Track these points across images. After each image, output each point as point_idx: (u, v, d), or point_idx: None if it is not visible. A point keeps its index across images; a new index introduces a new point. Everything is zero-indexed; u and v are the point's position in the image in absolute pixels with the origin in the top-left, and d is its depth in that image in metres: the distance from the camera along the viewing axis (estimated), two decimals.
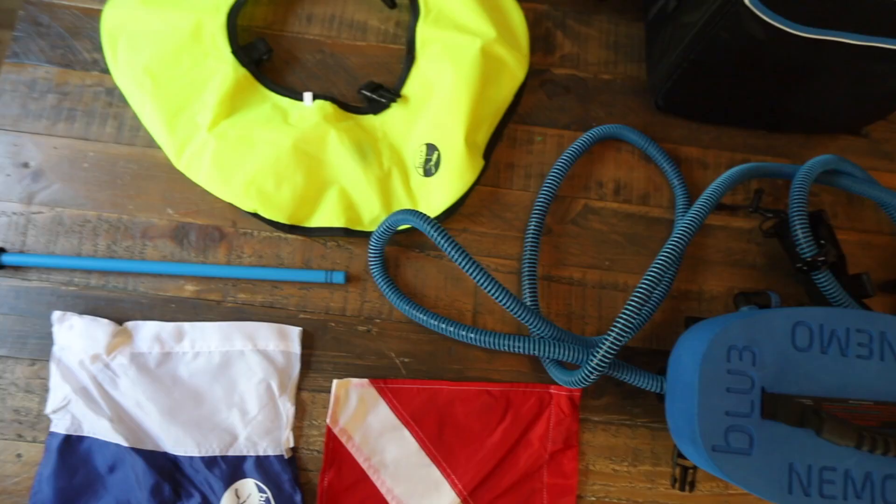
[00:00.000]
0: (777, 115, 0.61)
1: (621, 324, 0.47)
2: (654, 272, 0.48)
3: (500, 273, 0.58)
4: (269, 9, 0.62)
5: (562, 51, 0.64)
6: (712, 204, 0.52)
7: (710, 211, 0.51)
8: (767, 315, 0.45)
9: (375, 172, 0.57)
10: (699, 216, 0.51)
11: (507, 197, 0.60)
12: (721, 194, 0.52)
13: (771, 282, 0.60)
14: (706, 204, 0.52)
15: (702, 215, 0.51)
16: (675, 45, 0.54)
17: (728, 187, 0.53)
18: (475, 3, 0.59)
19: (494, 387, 0.56)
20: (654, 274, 0.48)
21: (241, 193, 0.55)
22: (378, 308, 0.56)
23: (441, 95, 0.57)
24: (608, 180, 0.61)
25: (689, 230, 0.50)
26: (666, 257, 0.49)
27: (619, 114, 0.63)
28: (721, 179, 0.53)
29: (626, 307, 0.48)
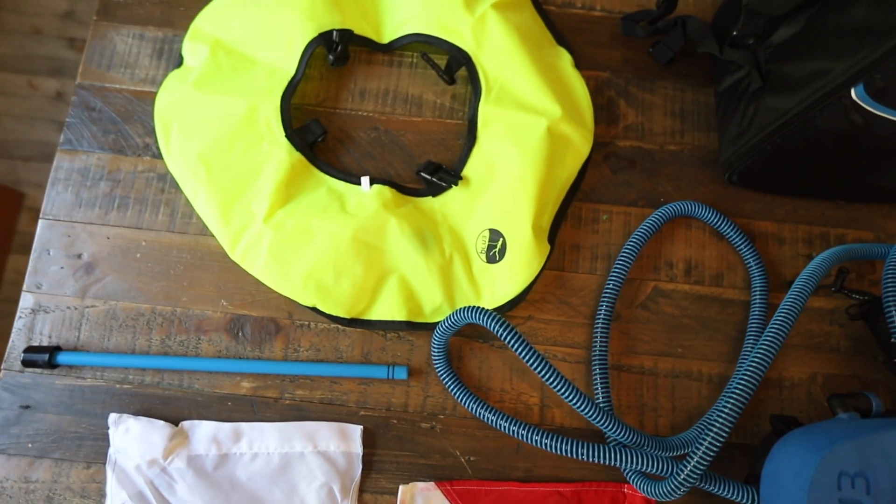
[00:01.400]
0: (861, 188, 0.57)
1: (713, 434, 0.44)
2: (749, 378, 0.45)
3: (568, 363, 0.55)
4: (321, 85, 0.61)
5: (625, 121, 0.61)
6: (808, 293, 0.48)
7: (806, 299, 0.48)
8: (880, 436, 0.42)
9: (437, 260, 0.54)
10: (796, 308, 0.47)
11: (573, 281, 0.57)
12: (816, 283, 0.49)
13: (856, 367, 0.56)
14: (802, 293, 0.48)
15: (798, 307, 0.47)
16: (758, 127, 0.51)
17: (822, 273, 0.50)
18: (538, 79, 0.56)
19: (565, 486, 0.53)
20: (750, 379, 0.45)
21: (300, 287, 0.53)
22: (442, 403, 0.54)
23: (505, 178, 0.55)
24: (678, 260, 0.58)
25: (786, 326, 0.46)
26: (759, 362, 0.45)
27: (688, 187, 0.60)
28: (813, 265, 0.50)
29: (720, 415, 0.44)
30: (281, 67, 0.57)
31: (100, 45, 0.60)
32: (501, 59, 0.57)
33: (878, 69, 0.39)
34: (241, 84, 0.57)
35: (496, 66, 0.57)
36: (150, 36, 0.61)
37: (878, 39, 0.38)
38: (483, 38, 0.57)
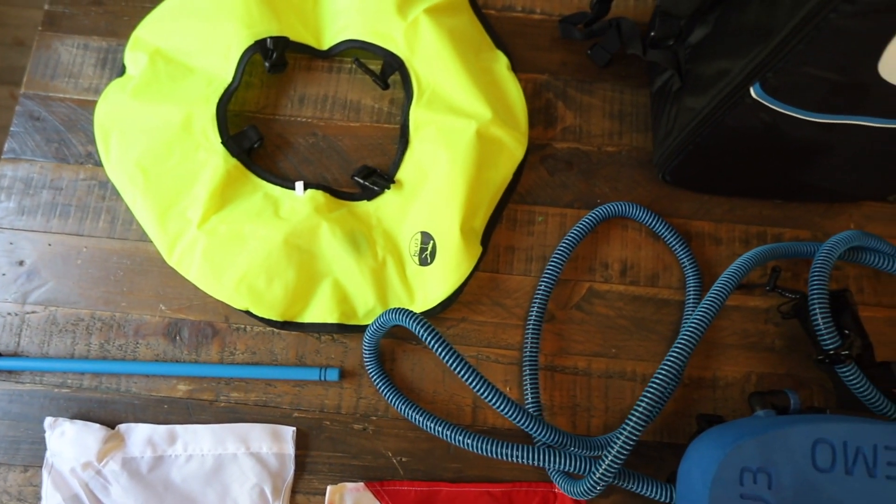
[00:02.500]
0: (793, 186, 0.57)
1: (626, 433, 0.44)
2: (662, 377, 0.45)
3: (502, 364, 0.56)
4: (262, 92, 0.61)
5: (563, 123, 0.61)
6: (728, 292, 0.48)
7: (725, 299, 0.48)
8: (783, 432, 0.42)
9: (369, 263, 0.55)
10: (713, 308, 0.47)
11: (508, 283, 0.57)
12: (736, 282, 0.49)
13: (790, 365, 0.56)
14: (721, 292, 0.48)
15: (716, 306, 0.47)
16: (679, 127, 0.51)
17: (745, 272, 0.50)
18: (469, 82, 0.57)
19: (496, 487, 0.53)
20: (662, 380, 0.45)
21: (233, 291, 0.54)
22: (374, 405, 0.55)
23: (435, 182, 0.55)
24: (614, 261, 0.58)
25: (700, 330, 0.46)
26: (673, 362, 0.45)
27: (625, 188, 0.60)
28: (737, 264, 0.50)
29: (633, 414, 0.45)
30: (219, 75, 0.58)
31: (44, 55, 0.62)
32: (433, 64, 0.57)
33: (769, 68, 0.39)
34: (179, 92, 0.58)
35: (428, 71, 0.58)
36: (94, 46, 0.62)
37: (765, 38, 0.38)
38: (415, 43, 0.58)
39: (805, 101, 0.43)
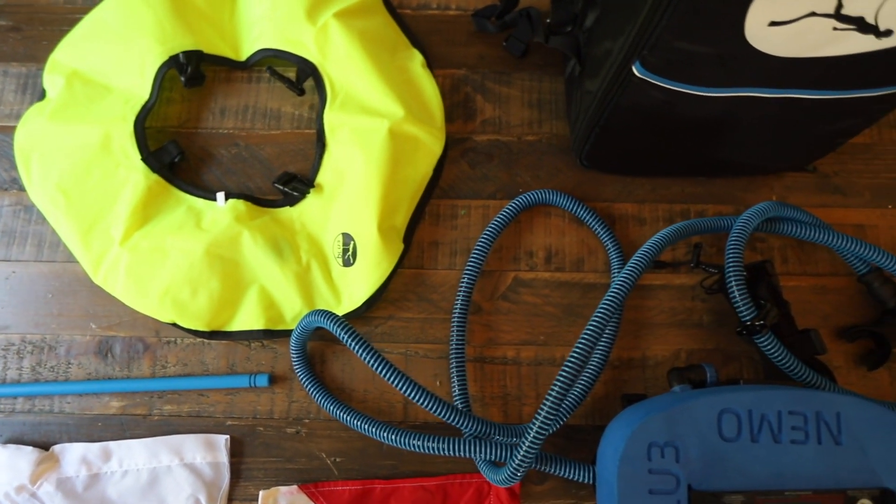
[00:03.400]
0: (710, 163, 0.58)
1: (541, 418, 0.45)
2: (573, 362, 0.45)
3: (431, 359, 0.56)
4: (183, 107, 0.62)
5: (483, 115, 0.62)
6: (639, 273, 0.48)
7: (636, 280, 0.48)
8: (689, 405, 0.42)
9: (293, 268, 0.55)
10: (623, 290, 0.47)
11: (433, 277, 0.58)
12: (649, 261, 0.49)
13: (719, 340, 0.57)
14: (631, 274, 0.48)
15: (626, 288, 0.47)
16: (583, 111, 0.52)
17: (658, 251, 0.50)
18: (381, 82, 0.57)
19: (430, 481, 0.53)
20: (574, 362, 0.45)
21: (158, 305, 0.54)
22: (306, 408, 0.55)
23: (352, 183, 0.56)
24: (538, 249, 0.59)
25: (609, 310, 0.46)
26: (584, 344, 0.45)
27: (547, 176, 0.60)
28: (649, 244, 0.50)
29: (547, 399, 0.45)
30: (136, 93, 0.59)
31: None
32: (345, 66, 0.58)
33: (644, 45, 0.40)
34: (97, 112, 0.58)
35: (341, 74, 0.58)
36: (13, 72, 0.63)
37: (635, 15, 0.39)
38: (327, 48, 0.58)
39: (689, 76, 0.43)
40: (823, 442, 0.42)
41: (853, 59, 0.41)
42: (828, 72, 0.43)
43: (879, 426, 0.42)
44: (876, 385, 0.56)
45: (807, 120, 0.49)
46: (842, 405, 0.43)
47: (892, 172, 0.61)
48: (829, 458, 0.42)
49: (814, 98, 0.45)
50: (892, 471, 0.42)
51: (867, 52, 0.40)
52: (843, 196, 0.61)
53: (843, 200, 0.60)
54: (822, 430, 0.42)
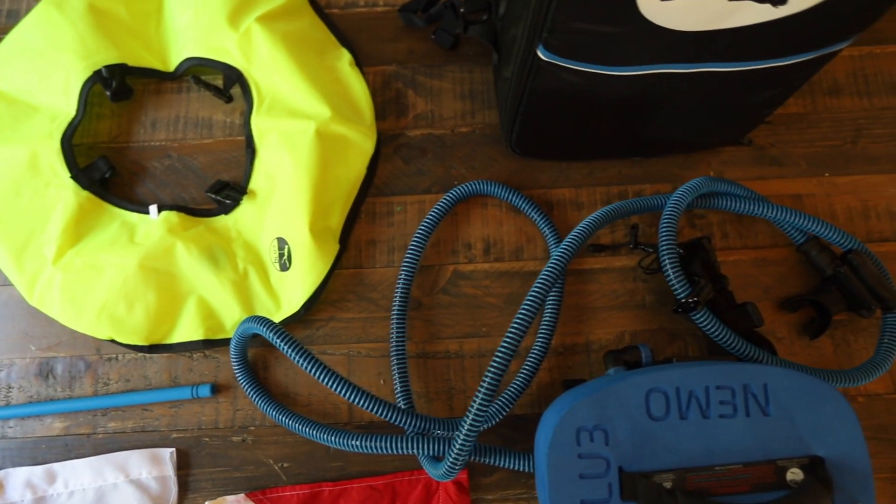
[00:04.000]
0: (642, 143, 0.57)
1: (473, 414, 0.44)
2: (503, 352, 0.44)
3: (374, 358, 0.56)
4: (113, 122, 0.61)
5: (415, 110, 0.61)
6: (565, 263, 0.48)
7: (563, 268, 0.47)
8: (616, 388, 0.42)
9: (230, 276, 0.55)
10: (550, 278, 0.47)
11: (372, 276, 0.57)
12: (576, 249, 0.49)
13: (662, 320, 0.57)
14: (560, 261, 0.48)
15: (553, 276, 0.47)
16: (504, 98, 0.52)
17: (585, 237, 0.49)
18: (306, 84, 0.57)
19: (378, 480, 0.53)
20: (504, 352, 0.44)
21: (94, 322, 0.54)
22: (251, 415, 0.55)
23: (283, 187, 0.56)
24: (476, 240, 0.58)
25: (537, 301, 0.46)
26: (513, 335, 0.45)
27: (482, 166, 0.60)
28: (575, 232, 0.49)
29: (479, 391, 0.45)
30: (62, 110, 0.58)
31: None
32: (270, 70, 0.58)
33: (543, 28, 0.39)
34: (23, 132, 0.58)
35: (266, 78, 0.58)
36: None
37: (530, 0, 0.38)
38: (251, 52, 0.58)
39: (596, 57, 0.43)
40: (752, 414, 0.42)
41: (756, 30, 0.41)
42: (734, 44, 0.42)
43: (806, 394, 0.42)
44: (820, 353, 0.56)
45: (727, 92, 0.49)
46: (769, 376, 0.42)
47: (827, 141, 0.61)
48: (758, 429, 0.42)
49: (727, 71, 0.45)
50: (821, 438, 0.42)
51: (768, 21, 0.40)
52: (780, 167, 0.60)
53: (780, 171, 0.60)
54: (750, 402, 0.42)
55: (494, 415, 0.51)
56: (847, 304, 0.55)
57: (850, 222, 0.59)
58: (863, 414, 0.55)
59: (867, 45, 0.63)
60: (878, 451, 0.54)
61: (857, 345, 0.56)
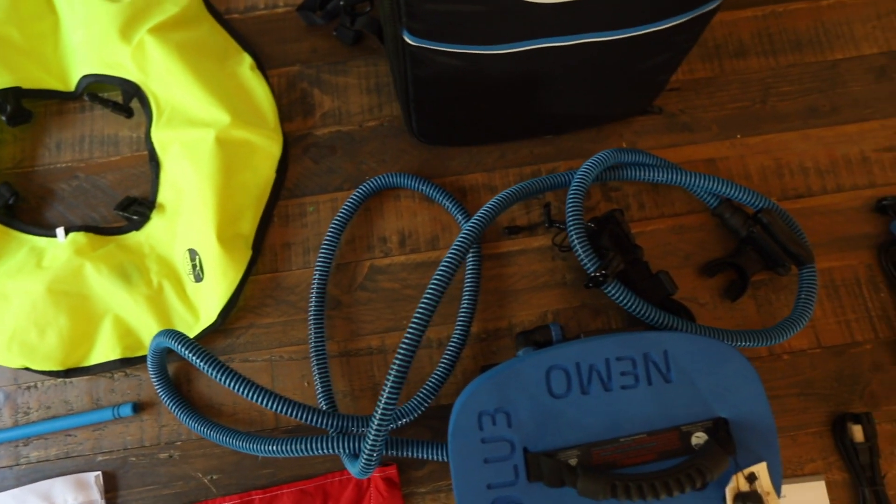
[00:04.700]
0: (547, 120, 0.57)
1: (381, 408, 0.44)
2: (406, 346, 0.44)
3: (296, 361, 0.55)
4: (16, 147, 0.60)
5: (322, 109, 0.61)
6: (469, 243, 0.47)
7: (466, 250, 0.47)
8: (516, 368, 0.42)
9: (144, 292, 0.54)
10: (453, 263, 0.46)
11: (289, 279, 0.57)
12: (478, 232, 0.48)
13: (584, 296, 0.56)
14: (462, 245, 0.47)
15: (457, 259, 0.46)
16: (395, 85, 0.51)
17: (485, 224, 0.48)
18: (205, 92, 0.56)
19: (309, 483, 0.53)
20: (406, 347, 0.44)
21: (5, 352, 0.53)
22: (177, 430, 0.54)
23: (189, 197, 0.55)
24: (391, 233, 0.58)
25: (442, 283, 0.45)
26: (415, 328, 0.44)
27: (392, 159, 0.59)
28: (474, 220, 0.48)
29: (385, 386, 0.44)
30: None
31: None
32: (167, 81, 0.57)
33: (400, 13, 0.39)
34: None
35: (164, 89, 0.57)
36: None
37: None
38: (146, 65, 0.57)
39: (467, 37, 0.42)
40: (654, 382, 0.42)
41: None
42: (605, 12, 0.42)
43: (707, 358, 0.42)
44: (744, 315, 0.56)
45: (614, 62, 0.48)
46: (668, 343, 0.42)
47: (736, 102, 0.61)
48: (660, 397, 0.42)
49: (606, 40, 0.45)
50: (723, 399, 0.42)
51: None
52: (692, 133, 0.60)
53: (692, 137, 0.60)
54: (651, 370, 0.42)
55: (416, 407, 0.51)
56: (763, 263, 0.56)
57: (764, 182, 0.59)
58: (789, 371, 0.55)
59: (770, 5, 0.63)
60: (806, 407, 0.54)
61: (780, 303, 0.57)
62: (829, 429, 0.54)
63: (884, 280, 0.57)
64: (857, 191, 0.59)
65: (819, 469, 0.53)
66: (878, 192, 0.59)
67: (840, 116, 0.61)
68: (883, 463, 0.53)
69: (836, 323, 0.56)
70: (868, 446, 0.52)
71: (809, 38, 0.62)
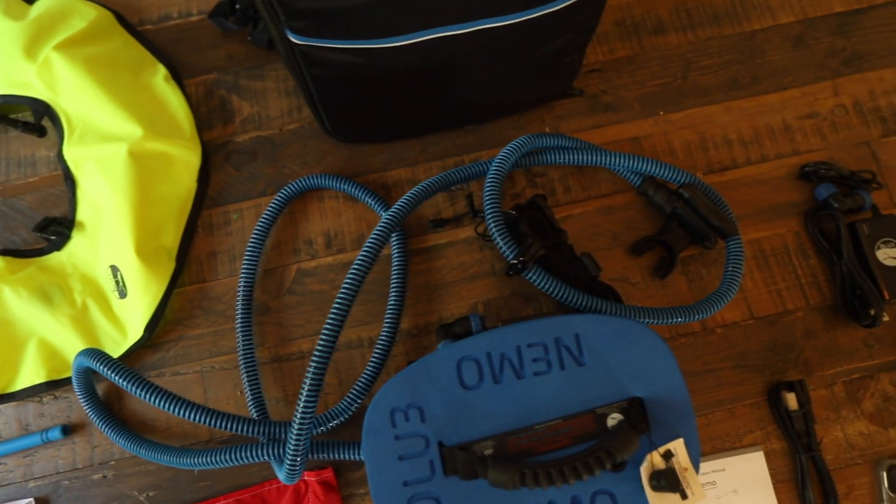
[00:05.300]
0: (467, 110, 0.56)
1: (301, 412, 0.43)
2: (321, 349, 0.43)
3: (228, 370, 0.55)
4: None
5: (241, 115, 0.60)
6: (376, 251, 0.45)
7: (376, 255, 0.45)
8: (426, 363, 0.41)
9: (67, 312, 0.54)
10: (364, 263, 0.45)
11: (216, 288, 0.56)
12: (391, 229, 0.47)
13: (515, 284, 0.56)
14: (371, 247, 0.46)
15: (368, 260, 0.45)
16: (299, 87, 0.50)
17: (399, 219, 0.48)
18: (115, 106, 0.55)
19: (247, 492, 0.52)
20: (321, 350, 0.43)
21: None
22: (109, 450, 0.53)
23: (106, 213, 0.54)
24: (317, 235, 0.57)
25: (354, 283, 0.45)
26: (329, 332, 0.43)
27: (315, 160, 0.59)
28: (388, 215, 0.47)
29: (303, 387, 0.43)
30: None
31: None
32: (77, 98, 0.56)
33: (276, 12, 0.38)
34: None
35: (75, 106, 0.56)
36: None
37: None
38: (54, 82, 0.56)
39: (355, 32, 0.42)
40: (567, 367, 0.41)
41: None
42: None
43: (619, 338, 0.42)
44: (676, 292, 0.56)
45: (515, 47, 0.48)
46: (579, 326, 0.42)
47: (657, 79, 0.61)
48: (574, 381, 0.41)
49: (501, 26, 0.44)
50: (637, 378, 0.41)
51: None
52: (615, 112, 0.60)
53: (615, 117, 0.60)
54: (563, 355, 0.42)
55: (347, 408, 0.50)
56: (690, 238, 0.55)
57: (689, 156, 0.59)
58: (723, 344, 0.55)
59: None
60: (742, 379, 0.54)
61: (710, 277, 0.56)
62: (766, 399, 0.54)
63: (812, 246, 0.57)
64: (781, 159, 0.59)
65: (757, 440, 0.53)
66: (802, 160, 0.59)
67: (761, 86, 0.60)
68: (819, 428, 0.53)
69: (767, 293, 0.56)
70: (802, 413, 0.52)
71: (727, 11, 0.62)
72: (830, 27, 0.62)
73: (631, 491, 0.40)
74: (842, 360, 0.54)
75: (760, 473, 0.52)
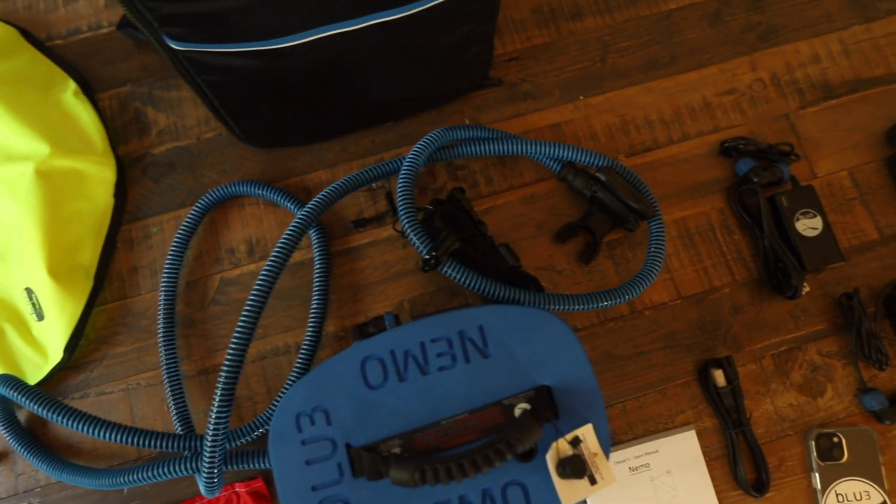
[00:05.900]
0: (382, 107, 0.56)
1: (213, 424, 0.42)
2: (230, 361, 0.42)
3: (154, 386, 0.54)
4: None
5: (157, 127, 0.59)
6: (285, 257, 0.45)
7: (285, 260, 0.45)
8: (329, 364, 0.41)
9: None
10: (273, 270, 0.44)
11: (139, 304, 0.55)
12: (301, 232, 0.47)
13: (439, 280, 0.56)
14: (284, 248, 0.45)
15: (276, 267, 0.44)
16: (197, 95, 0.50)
17: (311, 221, 0.47)
18: (20, 124, 0.54)
19: None
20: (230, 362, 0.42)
21: None
22: (34, 477, 0.52)
23: (14, 235, 0.53)
24: (239, 243, 0.57)
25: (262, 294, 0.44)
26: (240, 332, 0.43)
27: (233, 168, 0.58)
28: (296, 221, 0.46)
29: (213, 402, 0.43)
30: None
31: None
32: None
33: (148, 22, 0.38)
34: None
35: None
36: None
37: None
38: None
39: (237, 34, 0.41)
40: (472, 360, 0.41)
41: None
42: None
43: (523, 327, 0.41)
44: (603, 276, 0.56)
45: (415, 40, 0.47)
46: (483, 317, 0.42)
47: (576, 64, 0.60)
48: (480, 373, 0.41)
49: (397, 18, 0.44)
50: (544, 367, 0.41)
51: None
52: (535, 100, 0.60)
53: (535, 104, 0.59)
54: (468, 348, 0.41)
55: (271, 417, 0.50)
56: (612, 222, 0.55)
57: (611, 139, 0.59)
58: (652, 326, 0.55)
59: None
60: (672, 359, 0.54)
61: (636, 259, 0.56)
62: (696, 378, 0.54)
63: (735, 222, 0.57)
64: (702, 137, 0.59)
65: (689, 419, 0.53)
66: (723, 136, 0.58)
67: (679, 65, 0.60)
68: (749, 403, 0.53)
69: (693, 272, 0.56)
70: (730, 389, 0.52)
71: None
72: (746, 3, 0.62)
73: (541, 480, 0.39)
74: (769, 334, 0.54)
75: (693, 452, 0.52)
